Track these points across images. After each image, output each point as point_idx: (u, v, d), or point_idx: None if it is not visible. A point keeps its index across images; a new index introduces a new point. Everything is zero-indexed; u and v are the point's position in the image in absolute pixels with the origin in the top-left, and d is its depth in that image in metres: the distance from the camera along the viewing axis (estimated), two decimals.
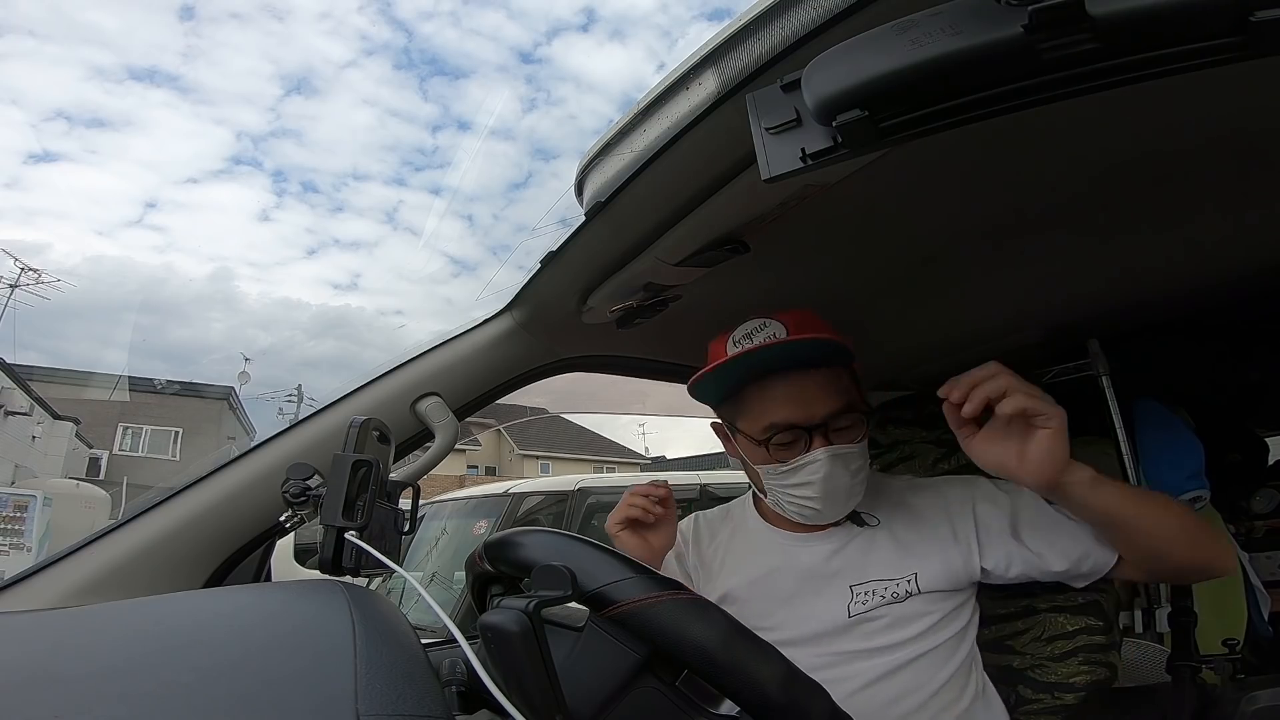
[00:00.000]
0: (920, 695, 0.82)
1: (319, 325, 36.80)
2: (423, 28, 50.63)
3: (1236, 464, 1.59)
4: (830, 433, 0.83)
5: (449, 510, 4.45)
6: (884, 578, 0.86)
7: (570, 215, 0.80)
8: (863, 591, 0.86)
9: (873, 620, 0.85)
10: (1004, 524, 0.87)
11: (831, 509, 0.86)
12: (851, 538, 0.89)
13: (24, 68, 32.68)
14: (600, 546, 0.53)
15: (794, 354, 0.83)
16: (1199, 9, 0.34)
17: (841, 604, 0.86)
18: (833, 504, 0.85)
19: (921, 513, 0.91)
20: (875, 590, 0.86)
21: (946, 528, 0.88)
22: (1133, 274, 1.04)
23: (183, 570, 0.81)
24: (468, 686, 0.50)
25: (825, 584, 0.87)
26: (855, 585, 0.86)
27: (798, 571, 0.89)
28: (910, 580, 0.86)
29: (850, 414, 0.84)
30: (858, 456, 0.85)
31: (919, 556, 0.87)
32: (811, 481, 0.83)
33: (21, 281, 14.41)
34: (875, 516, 0.91)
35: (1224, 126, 0.68)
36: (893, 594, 0.85)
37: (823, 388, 0.83)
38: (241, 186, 41.01)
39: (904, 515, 0.91)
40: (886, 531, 0.89)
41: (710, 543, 0.98)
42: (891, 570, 0.86)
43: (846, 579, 0.87)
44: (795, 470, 0.84)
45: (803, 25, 0.50)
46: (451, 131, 46.62)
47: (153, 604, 0.55)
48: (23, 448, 11.31)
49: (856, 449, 0.84)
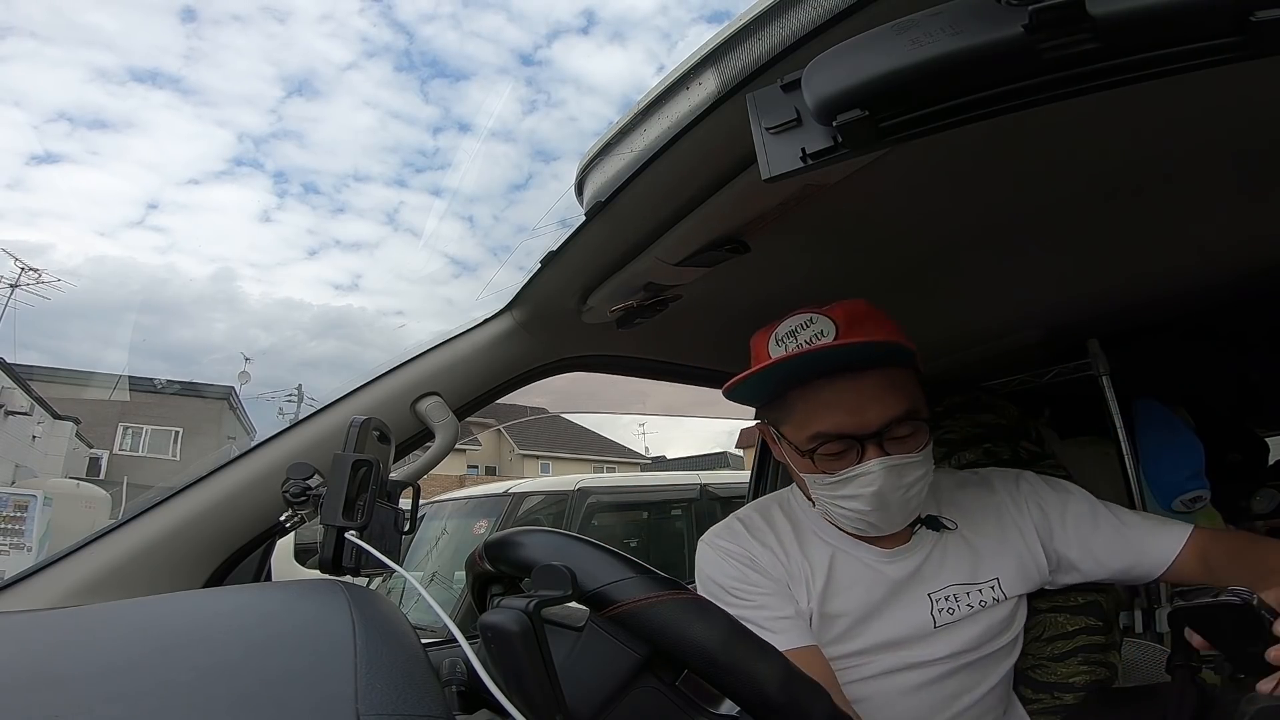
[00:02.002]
0: (976, 693, 0.83)
1: (320, 325, 36.83)
2: (423, 30, 50.59)
3: (1236, 464, 1.59)
4: (886, 442, 0.74)
5: (449, 510, 4.45)
6: (962, 582, 0.83)
7: (570, 215, 0.80)
8: (941, 598, 0.82)
9: (958, 626, 0.83)
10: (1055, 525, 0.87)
11: (887, 521, 0.78)
12: (930, 544, 0.85)
13: (26, 69, 32.68)
14: (600, 546, 0.53)
15: (843, 356, 0.74)
16: (1199, 9, 0.34)
17: (924, 611, 0.82)
18: (887, 517, 0.78)
19: (983, 511, 0.87)
20: (955, 595, 0.82)
21: (1014, 528, 0.86)
22: (1133, 274, 1.04)
23: (183, 570, 0.81)
24: (468, 686, 0.50)
25: (906, 592, 0.83)
26: (934, 593, 0.82)
27: (887, 584, 0.83)
28: (994, 585, 0.83)
29: (911, 421, 0.75)
30: (918, 466, 0.76)
31: (995, 559, 0.84)
32: (862, 494, 0.75)
33: (22, 281, 14.43)
34: (952, 520, 0.86)
35: (1224, 127, 0.68)
36: (979, 602, 0.82)
37: (878, 392, 0.74)
38: (243, 188, 41.10)
39: (965, 515, 0.87)
40: (958, 534, 0.85)
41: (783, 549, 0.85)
42: (969, 575, 0.83)
43: (923, 586, 0.83)
44: (845, 482, 0.76)
45: (803, 25, 0.50)
46: (452, 133, 46.73)
47: (153, 604, 0.55)
48: (23, 447, 11.31)
49: (918, 459, 0.75)
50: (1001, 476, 0.92)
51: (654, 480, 5.61)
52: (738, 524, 0.89)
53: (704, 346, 1.21)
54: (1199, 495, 1.29)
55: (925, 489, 0.79)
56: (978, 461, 1.22)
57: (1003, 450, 1.23)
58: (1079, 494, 0.89)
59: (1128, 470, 1.26)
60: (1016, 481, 0.91)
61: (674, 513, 4.97)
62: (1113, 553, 0.84)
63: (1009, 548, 0.85)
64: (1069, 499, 0.88)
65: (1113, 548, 0.84)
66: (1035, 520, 0.87)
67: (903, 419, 0.74)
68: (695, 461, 16.18)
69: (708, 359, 1.26)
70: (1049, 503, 0.88)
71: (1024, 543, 0.86)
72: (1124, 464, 1.26)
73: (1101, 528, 0.85)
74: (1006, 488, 0.90)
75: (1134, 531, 0.84)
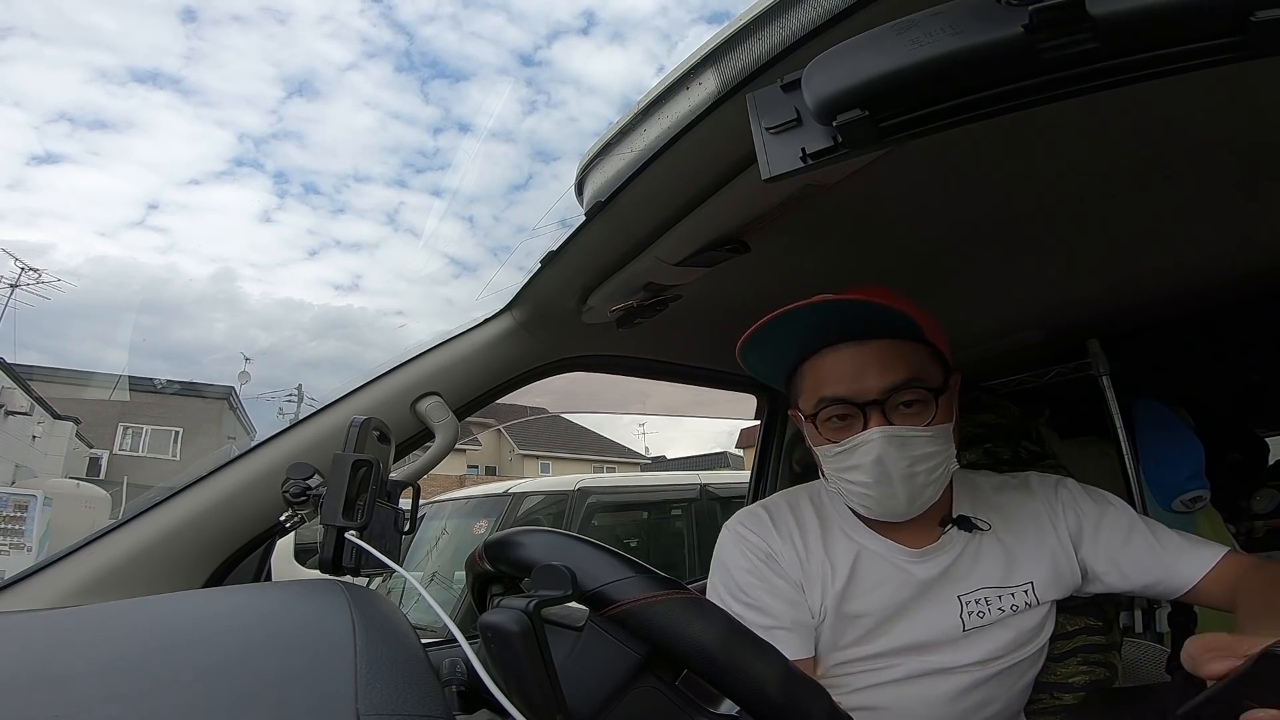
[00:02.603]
0: (999, 704, 0.82)
1: (321, 325, 36.86)
2: (423, 30, 50.63)
3: (1236, 464, 1.60)
4: (889, 410, 0.74)
5: (449, 510, 4.45)
6: (994, 585, 0.81)
7: (570, 216, 0.80)
8: (971, 600, 0.81)
9: (989, 632, 0.81)
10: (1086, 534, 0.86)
11: (892, 498, 0.76)
12: (961, 545, 0.83)
13: (26, 70, 32.70)
14: (600, 546, 0.53)
15: (845, 323, 0.74)
16: (1199, 9, 0.34)
17: (953, 614, 0.81)
18: (891, 493, 0.75)
19: (1020, 515, 0.86)
20: (986, 598, 0.81)
21: (1051, 532, 0.85)
22: (1133, 274, 1.04)
23: (183, 570, 0.81)
24: (468, 686, 0.50)
25: (934, 593, 0.81)
26: (963, 595, 0.81)
27: (913, 584, 0.82)
28: (1027, 589, 0.82)
29: (915, 389, 0.74)
30: (926, 443, 0.74)
31: (1030, 564, 0.83)
32: (863, 464, 0.74)
33: (22, 281, 14.43)
34: (985, 521, 0.84)
35: (1224, 127, 0.68)
36: (1011, 606, 0.81)
37: (879, 359, 0.74)
38: (243, 188, 41.15)
39: (1002, 518, 0.86)
40: (993, 536, 0.84)
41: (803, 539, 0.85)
42: (1002, 579, 0.82)
43: (953, 588, 0.81)
44: (848, 452, 0.75)
45: (803, 25, 0.50)
46: (452, 134, 46.78)
47: (153, 604, 0.55)
48: (23, 447, 11.31)
49: (926, 433, 0.74)
50: (1041, 481, 0.90)
51: (654, 480, 5.60)
52: (763, 513, 0.88)
53: (704, 346, 1.21)
54: (1199, 495, 1.29)
55: (937, 471, 0.76)
56: (978, 462, 1.22)
57: (1003, 450, 1.22)
58: (1117, 506, 0.87)
59: (1128, 470, 1.26)
60: (1056, 488, 0.90)
61: (674, 513, 4.97)
62: (1140, 568, 0.83)
63: (1044, 552, 0.84)
64: (1106, 510, 0.86)
65: (1142, 563, 0.83)
66: (1070, 528, 0.86)
67: (903, 386, 0.74)
68: (695, 461, 16.19)
69: (708, 359, 1.26)
70: (1086, 512, 0.86)
71: (1061, 548, 0.85)
72: (1124, 464, 1.26)
73: (1133, 542, 0.83)
74: (1045, 493, 0.89)
75: (1166, 550, 0.82)
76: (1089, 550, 0.85)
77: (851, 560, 0.82)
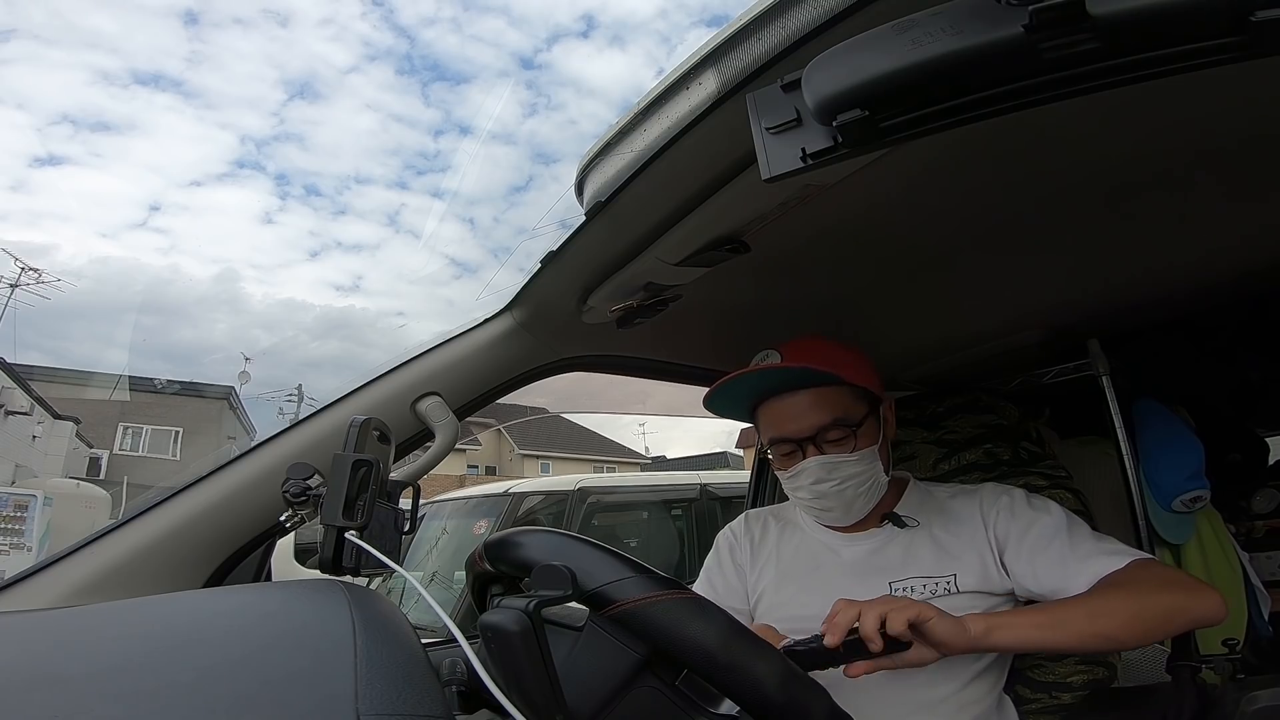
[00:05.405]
0: (945, 689, 0.86)
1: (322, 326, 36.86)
2: (424, 33, 50.59)
3: (1236, 464, 1.59)
4: (823, 444, 0.91)
5: (449, 510, 4.45)
6: (923, 575, 0.91)
7: (570, 216, 0.80)
8: (901, 588, 0.91)
9: None
10: (1012, 538, 0.90)
11: (837, 510, 0.94)
12: (892, 538, 0.96)
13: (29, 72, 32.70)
14: (600, 546, 0.53)
15: (782, 378, 0.92)
16: (1199, 9, 0.34)
17: (879, 593, 0.87)
18: (828, 505, 0.94)
19: (961, 517, 0.96)
20: (914, 587, 0.90)
21: (982, 532, 0.93)
22: (1133, 274, 1.04)
23: (183, 570, 0.81)
24: (468, 686, 0.50)
25: (866, 577, 0.93)
26: (894, 581, 0.92)
27: (840, 565, 0.97)
28: (950, 580, 0.90)
29: (840, 428, 0.91)
30: (852, 465, 0.91)
31: (957, 558, 0.92)
32: (804, 485, 0.93)
33: (22, 281, 14.43)
34: (915, 519, 0.96)
35: (1224, 127, 0.68)
36: (931, 591, 0.90)
37: (809, 406, 0.91)
38: (245, 190, 41.13)
39: (944, 519, 0.96)
40: (926, 533, 0.95)
41: (761, 538, 1.06)
42: (931, 569, 0.91)
43: (886, 575, 0.92)
44: (793, 477, 0.94)
45: (803, 25, 0.50)
46: (453, 136, 46.76)
47: (153, 604, 0.55)
48: (23, 447, 11.31)
49: (852, 458, 0.91)
50: (992, 490, 0.98)
51: (654, 480, 5.59)
52: (752, 515, 1.11)
53: (704, 346, 1.21)
54: (1199, 495, 1.29)
55: (864, 485, 0.92)
56: (979, 462, 1.22)
57: (1003, 451, 1.23)
58: (1054, 515, 0.90)
59: (1128, 470, 1.26)
60: (1000, 495, 0.96)
61: (674, 513, 4.97)
62: (1049, 574, 0.86)
63: (974, 550, 0.92)
64: (1041, 518, 0.90)
65: (1051, 569, 0.86)
66: (999, 531, 0.92)
67: (830, 426, 0.91)
68: (695, 461, 16.19)
69: (708, 359, 1.26)
70: (1019, 516, 0.92)
71: (989, 549, 0.92)
72: (1124, 464, 1.26)
73: (1051, 549, 0.87)
74: (989, 500, 0.96)
75: (1075, 557, 0.85)
76: (1013, 553, 0.90)
77: (795, 544, 1.03)
